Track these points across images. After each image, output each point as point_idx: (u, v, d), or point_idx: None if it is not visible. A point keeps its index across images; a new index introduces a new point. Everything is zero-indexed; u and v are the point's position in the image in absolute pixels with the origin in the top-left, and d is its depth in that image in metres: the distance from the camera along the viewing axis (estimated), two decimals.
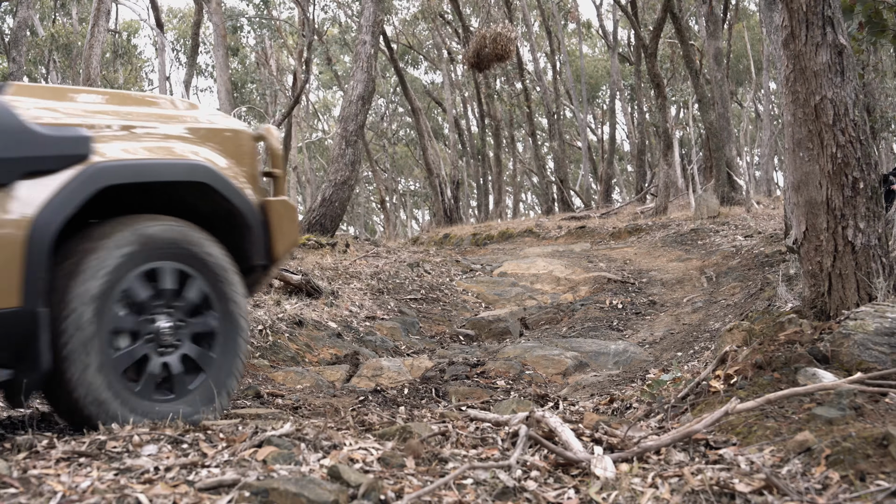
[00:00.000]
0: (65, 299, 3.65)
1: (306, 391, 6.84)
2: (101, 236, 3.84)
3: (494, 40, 25.31)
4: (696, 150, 31.91)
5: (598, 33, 45.60)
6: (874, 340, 4.07)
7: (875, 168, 5.07)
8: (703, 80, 24.42)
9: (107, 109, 4.14)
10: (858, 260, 5.00)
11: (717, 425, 3.74)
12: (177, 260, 4.07)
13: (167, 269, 4.03)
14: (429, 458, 3.28)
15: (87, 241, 3.83)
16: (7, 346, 3.54)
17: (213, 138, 4.42)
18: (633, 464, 3.33)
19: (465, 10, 36.30)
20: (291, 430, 3.29)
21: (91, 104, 4.17)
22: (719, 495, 2.87)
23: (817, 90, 5.08)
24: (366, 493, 2.64)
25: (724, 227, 16.62)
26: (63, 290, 3.67)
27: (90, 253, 3.77)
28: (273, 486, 2.53)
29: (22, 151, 3.61)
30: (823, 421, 3.40)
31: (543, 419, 3.69)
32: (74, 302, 3.65)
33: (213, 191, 4.24)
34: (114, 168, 3.87)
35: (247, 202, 4.40)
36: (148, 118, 4.24)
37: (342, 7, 36.92)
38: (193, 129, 4.38)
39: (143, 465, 2.78)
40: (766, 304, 7.71)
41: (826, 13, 5.05)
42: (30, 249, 3.55)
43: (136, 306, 3.92)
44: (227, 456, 2.98)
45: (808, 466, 3.05)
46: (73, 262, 3.74)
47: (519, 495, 3.02)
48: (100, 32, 12.84)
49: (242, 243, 4.50)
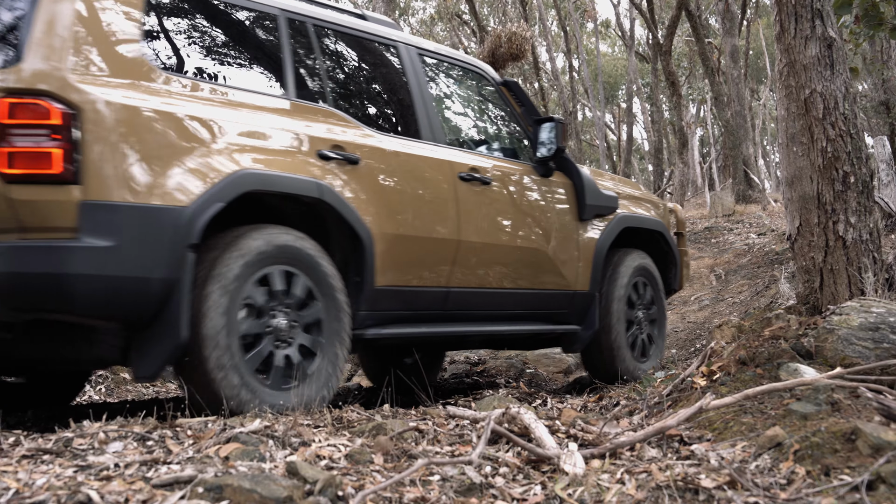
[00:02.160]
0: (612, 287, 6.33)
1: None
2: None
3: (510, 40, 25.24)
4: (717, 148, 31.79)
5: (617, 32, 45.49)
6: (858, 335, 4.03)
7: (866, 162, 5.03)
8: (720, 77, 24.30)
9: (615, 184, 6.65)
10: (850, 255, 4.95)
11: (696, 421, 3.71)
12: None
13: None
14: (398, 454, 3.27)
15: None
16: (580, 313, 6.14)
17: (656, 206, 7.00)
18: (604, 460, 3.31)
19: (481, 10, 36.33)
20: (260, 426, 3.29)
21: (610, 180, 6.68)
22: (683, 491, 2.85)
23: (807, 84, 5.04)
24: (322, 490, 2.63)
25: (738, 226, 16.54)
26: (612, 278, 6.31)
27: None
28: (228, 483, 2.52)
29: (598, 202, 6.22)
30: (798, 416, 3.37)
31: (518, 415, 3.67)
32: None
33: (664, 238, 6.84)
34: (629, 217, 6.50)
35: (677, 248, 7.02)
36: (634, 189, 6.94)
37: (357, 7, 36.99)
38: (651, 201, 6.99)
39: (105, 462, 2.79)
40: (769, 302, 7.66)
41: (815, 6, 5.01)
42: (595, 258, 6.15)
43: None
44: (192, 453, 2.98)
45: (776, 462, 3.02)
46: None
47: (485, 491, 3.00)
48: None
49: (669, 275, 7.00)
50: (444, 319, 5.31)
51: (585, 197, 6.07)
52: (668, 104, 34.13)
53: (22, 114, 3.58)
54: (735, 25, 24.20)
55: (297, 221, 4.53)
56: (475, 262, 5.35)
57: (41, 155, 3.56)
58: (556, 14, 37.77)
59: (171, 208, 3.82)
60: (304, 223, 4.54)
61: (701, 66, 27.44)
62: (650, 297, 6.61)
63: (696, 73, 36.72)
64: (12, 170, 3.55)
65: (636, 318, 6.46)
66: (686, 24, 27.48)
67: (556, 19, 38.89)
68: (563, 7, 36.61)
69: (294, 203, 4.50)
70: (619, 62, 50.57)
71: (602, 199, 6.22)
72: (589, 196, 6.09)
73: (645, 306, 6.55)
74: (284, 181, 4.27)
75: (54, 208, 3.59)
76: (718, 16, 24.40)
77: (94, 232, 3.63)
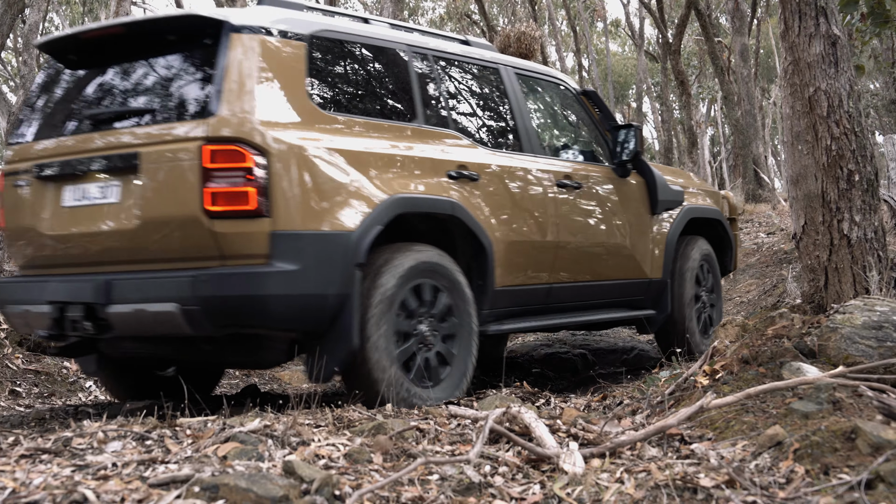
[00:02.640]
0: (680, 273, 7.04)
1: (310, 389, 6.85)
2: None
3: (518, 39, 25.20)
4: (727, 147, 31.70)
5: (626, 32, 45.42)
6: (861, 334, 4.01)
7: (871, 160, 5.00)
8: (730, 77, 24.22)
9: (678, 178, 7.35)
10: (854, 254, 4.93)
11: (698, 420, 3.70)
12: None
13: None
14: (397, 454, 3.27)
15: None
16: (655, 299, 6.83)
17: (713, 196, 7.70)
18: (604, 459, 3.30)
19: (491, 10, 36.31)
20: (259, 426, 3.29)
21: (672, 174, 7.34)
22: (682, 490, 2.84)
23: (811, 81, 5.02)
24: (319, 489, 2.63)
25: (747, 225, 16.48)
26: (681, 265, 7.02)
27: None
28: (224, 482, 2.53)
29: (668, 197, 6.78)
30: (800, 415, 3.35)
31: (519, 415, 3.66)
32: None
33: (721, 225, 7.50)
34: (694, 209, 7.15)
35: (732, 233, 7.70)
36: (694, 181, 7.74)
37: (368, 8, 37.00)
38: (708, 191, 7.70)
39: (103, 461, 2.80)
40: (776, 301, 7.63)
41: (819, 3, 4.98)
42: (667, 249, 6.82)
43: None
44: (190, 452, 2.99)
45: (776, 461, 3.01)
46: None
47: (484, 491, 3.00)
48: None
49: (725, 258, 7.64)
50: (546, 312, 6.03)
51: (658, 194, 6.69)
52: (677, 104, 34.04)
53: (221, 159, 4.22)
54: (745, 24, 24.10)
55: (429, 234, 5.19)
56: (570, 260, 6.09)
57: (239, 194, 4.22)
58: (565, 14, 37.71)
59: (342, 233, 4.53)
60: (434, 236, 5.21)
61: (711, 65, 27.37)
62: (712, 281, 7.33)
63: (706, 73, 36.61)
64: (215, 207, 4.21)
65: (702, 300, 7.21)
66: (696, 22, 27.39)
67: (565, 19, 38.84)
68: (573, 7, 36.57)
69: (430, 219, 5.18)
70: (630, 61, 50.47)
71: (671, 193, 6.84)
72: (660, 192, 6.70)
73: (708, 289, 7.28)
74: (428, 202, 5.02)
75: (250, 239, 4.28)
76: (728, 14, 24.33)
77: (283, 258, 4.32)
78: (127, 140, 4.53)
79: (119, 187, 4.51)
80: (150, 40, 4.82)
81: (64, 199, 4.75)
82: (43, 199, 4.82)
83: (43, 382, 5.96)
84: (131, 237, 4.46)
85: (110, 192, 4.55)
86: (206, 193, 4.19)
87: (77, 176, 4.68)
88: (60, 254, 4.84)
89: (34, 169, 4.85)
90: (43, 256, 4.94)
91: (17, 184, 4.97)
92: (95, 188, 4.63)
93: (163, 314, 4.29)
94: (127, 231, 4.46)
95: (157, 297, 4.32)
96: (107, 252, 4.60)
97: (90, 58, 5.05)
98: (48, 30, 31.93)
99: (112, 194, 4.54)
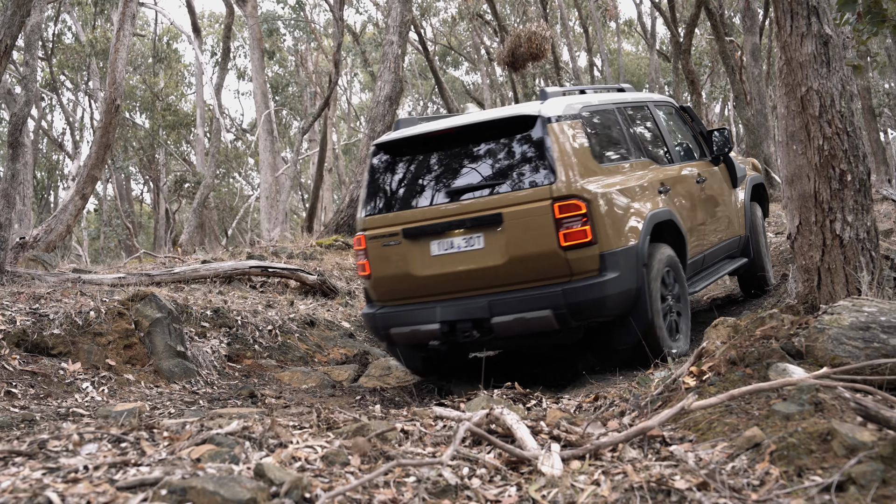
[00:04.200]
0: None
1: (308, 391, 6.86)
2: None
3: (529, 39, 25.17)
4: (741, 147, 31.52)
5: (639, 32, 45.25)
6: (848, 335, 3.98)
7: (863, 160, 4.97)
8: (741, 76, 24.09)
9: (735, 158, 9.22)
10: (847, 254, 4.90)
11: (682, 422, 3.68)
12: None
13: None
14: (375, 456, 3.26)
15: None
16: (744, 249, 8.95)
17: (753, 166, 10.03)
18: (584, 461, 3.29)
19: (503, 10, 36.23)
20: (238, 428, 3.29)
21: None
22: (656, 492, 2.83)
23: (803, 81, 4.99)
24: (288, 492, 2.63)
25: None
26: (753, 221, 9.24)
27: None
28: (192, 485, 2.53)
29: (740, 174, 9.00)
30: (781, 416, 3.33)
31: (501, 416, 3.66)
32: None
33: (762, 186, 9.92)
34: (753, 178, 9.56)
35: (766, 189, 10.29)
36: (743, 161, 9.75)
37: (380, 9, 36.98)
38: (749, 163, 9.95)
39: (75, 464, 2.80)
40: (776, 301, 7.59)
41: (811, 3, 4.96)
42: (745, 211, 9.03)
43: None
44: (165, 454, 2.99)
45: (753, 462, 2.99)
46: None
47: (460, 493, 3.00)
48: (125, 36, 12.94)
49: (764, 206, 10.03)
50: (702, 273, 8.18)
51: (736, 172, 8.93)
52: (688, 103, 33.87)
53: (566, 210, 6.29)
54: (756, 23, 23.96)
55: (654, 234, 6.97)
56: (709, 233, 8.15)
57: (579, 232, 6.28)
58: (577, 14, 37.58)
59: (634, 245, 6.61)
60: (655, 234, 6.98)
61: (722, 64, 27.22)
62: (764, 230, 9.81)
63: (718, 72, 36.41)
64: (567, 243, 6.30)
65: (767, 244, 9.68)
66: (708, 22, 27.24)
67: (577, 19, 38.71)
68: (585, 6, 36.46)
69: (659, 224, 7.07)
70: (643, 61, 50.28)
71: (741, 171, 9.13)
72: (738, 171, 8.99)
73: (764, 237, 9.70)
74: (663, 213, 7.10)
75: (588, 260, 6.35)
76: (740, 14, 24.19)
77: (608, 269, 6.38)
78: (489, 204, 6.51)
79: (482, 237, 6.55)
80: (480, 133, 6.82)
81: (432, 251, 6.71)
82: (411, 252, 6.76)
83: (39, 384, 5.97)
84: (499, 270, 6.50)
85: (475, 242, 6.57)
86: (560, 234, 6.31)
87: (439, 233, 6.67)
88: (431, 289, 6.78)
89: (400, 232, 6.78)
90: (411, 291, 6.86)
91: (385, 244, 6.86)
92: (461, 240, 6.61)
93: (539, 318, 6.40)
94: (495, 266, 6.50)
95: (534, 307, 6.39)
96: (475, 282, 6.61)
97: (426, 147, 7.05)
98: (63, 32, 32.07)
99: (477, 243, 6.57)
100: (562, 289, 6.32)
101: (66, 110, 33.71)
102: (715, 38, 24.50)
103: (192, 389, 6.61)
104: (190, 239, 21.90)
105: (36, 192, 32.62)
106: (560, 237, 6.27)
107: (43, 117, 33.14)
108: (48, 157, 36.08)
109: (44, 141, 35.24)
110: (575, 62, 35.96)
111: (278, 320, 8.49)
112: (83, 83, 32.20)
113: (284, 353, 7.98)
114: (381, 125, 16.21)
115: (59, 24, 31.68)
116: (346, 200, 16.53)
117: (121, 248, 31.75)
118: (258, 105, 25.55)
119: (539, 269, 6.41)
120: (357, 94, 51.90)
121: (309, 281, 10.18)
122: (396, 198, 6.99)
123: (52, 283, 8.38)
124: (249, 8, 25.24)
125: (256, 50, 25.41)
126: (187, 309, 7.92)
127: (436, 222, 6.66)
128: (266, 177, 24.64)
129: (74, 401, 5.87)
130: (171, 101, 35.63)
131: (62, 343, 6.54)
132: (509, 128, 6.70)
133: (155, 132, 33.99)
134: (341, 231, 15.85)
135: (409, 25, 17.29)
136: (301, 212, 41.97)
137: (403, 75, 17.17)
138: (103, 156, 13.10)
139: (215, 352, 7.47)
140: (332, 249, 13.99)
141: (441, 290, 6.75)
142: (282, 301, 9.39)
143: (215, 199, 38.74)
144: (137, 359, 6.79)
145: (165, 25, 36.51)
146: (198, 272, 9.66)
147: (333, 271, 11.52)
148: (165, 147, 36.39)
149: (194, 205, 23.79)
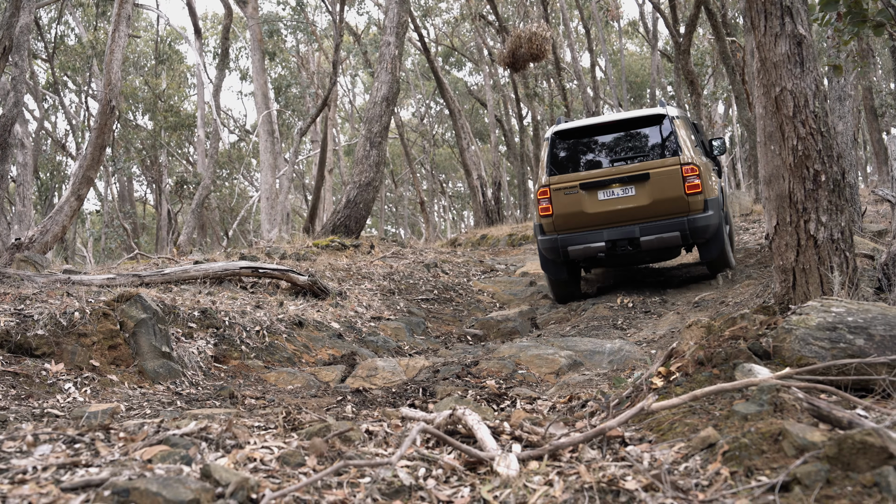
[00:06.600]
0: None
1: (292, 392, 6.86)
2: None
3: (530, 40, 25.22)
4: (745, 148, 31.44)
5: (641, 32, 45.21)
6: (815, 335, 3.98)
7: (837, 160, 4.96)
8: (743, 76, 24.04)
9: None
10: (821, 254, 4.89)
11: (646, 423, 3.68)
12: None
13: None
14: (332, 456, 3.27)
15: None
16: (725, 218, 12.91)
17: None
18: (542, 461, 3.29)
19: (505, 11, 36.22)
20: (195, 429, 3.30)
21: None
22: (606, 493, 2.83)
23: (777, 81, 4.99)
24: (233, 493, 2.63)
25: (753, 225, 16.40)
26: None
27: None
28: (135, 486, 2.53)
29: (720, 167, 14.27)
30: (740, 417, 3.33)
31: (463, 417, 3.66)
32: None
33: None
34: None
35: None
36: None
37: (381, 9, 36.95)
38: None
39: (25, 465, 2.80)
40: (762, 302, 7.57)
41: (784, 3, 4.95)
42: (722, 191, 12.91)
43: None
44: (118, 455, 2.99)
45: (706, 463, 2.99)
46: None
47: (413, 494, 3.00)
48: (120, 38, 12.96)
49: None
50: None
51: (721, 166, 13.10)
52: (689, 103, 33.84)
53: (688, 172, 10.72)
54: None
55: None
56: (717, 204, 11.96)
57: (695, 185, 10.70)
58: (578, 14, 37.55)
59: (717, 197, 11.11)
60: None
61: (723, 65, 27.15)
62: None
63: (720, 72, 36.37)
64: (688, 191, 10.72)
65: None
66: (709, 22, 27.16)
67: (579, 20, 38.68)
68: (587, 7, 36.44)
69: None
70: (646, 61, 50.26)
71: (721, 164, 13.39)
72: (721, 165, 13.42)
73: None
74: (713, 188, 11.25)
75: (699, 203, 10.77)
76: (742, 14, 24.16)
77: (709, 209, 10.82)
78: (641, 167, 10.84)
79: (633, 188, 10.84)
80: (626, 125, 11.30)
81: (599, 197, 10.95)
82: (585, 198, 10.99)
83: (21, 385, 5.98)
84: (645, 209, 10.79)
85: (629, 191, 10.84)
86: (685, 186, 10.69)
87: (605, 186, 10.91)
88: (598, 221, 10.96)
89: (578, 185, 10.98)
90: (584, 223, 11.01)
91: (566, 193, 11.02)
92: (619, 190, 10.87)
93: (671, 237, 10.76)
94: (643, 206, 10.80)
95: (668, 230, 10.75)
96: (629, 216, 10.86)
97: (589, 133, 11.45)
98: (65, 33, 32.15)
99: (630, 191, 10.84)
100: (686, 218, 10.68)
101: (69, 112, 33.76)
102: (715, 38, 24.47)
103: (175, 390, 6.61)
104: (188, 240, 21.93)
105: (40, 194, 32.69)
106: (685, 188, 10.65)
107: (46, 118, 33.21)
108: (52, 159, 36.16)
109: (47, 142, 35.32)
110: (577, 63, 35.94)
111: (266, 321, 8.49)
112: (85, 84, 32.27)
113: (271, 353, 7.98)
114: (378, 126, 16.22)
115: (62, 26, 31.76)
116: (342, 201, 16.54)
117: (122, 250, 31.81)
118: (259, 106, 25.60)
119: (670, 207, 10.72)
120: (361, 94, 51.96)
121: (299, 282, 10.19)
122: (572, 164, 11.24)
123: (40, 284, 8.40)
124: (250, 9, 25.28)
125: (257, 51, 25.46)
126: (174, 310, 7.93)
127: (603, 179, 10.90)
128: (266, 177, 24.67)
129: (56, 402, 5.88)
130: (174, 103, 35.70)
131: (46, 344, 6.55)
132: (647, 122, 11.14)
133: (157, 133, 34.07)
134: (338, 232, 15.87)
135: (406, 26, 17.29)
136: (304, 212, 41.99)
137: (401, 76, 17.14)
138: (99, 156, 13.11)
139: (201, 352, 7.47)
140: (328, 250, 14.01)
141: (605, 222, 10.94)
142: (271, 302, 9.40)
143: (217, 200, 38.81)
144: (122, 359, 6.79)
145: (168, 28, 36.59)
146: (188, 273, 9.67)
147: (325, 272, 11.53)
148: (167, 148, 36.45)
149: (193, 206, 23.84)
